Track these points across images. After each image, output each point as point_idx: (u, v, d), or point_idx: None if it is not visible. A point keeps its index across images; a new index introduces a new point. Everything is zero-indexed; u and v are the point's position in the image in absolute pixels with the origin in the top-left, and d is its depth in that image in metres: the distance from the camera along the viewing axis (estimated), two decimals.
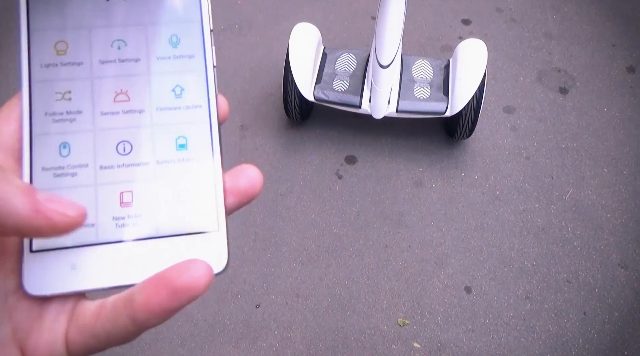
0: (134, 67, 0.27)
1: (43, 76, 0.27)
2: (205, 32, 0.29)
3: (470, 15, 2.33)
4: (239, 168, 0.28)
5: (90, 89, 0.27)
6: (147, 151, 0.27)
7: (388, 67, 1.61)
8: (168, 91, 0.28)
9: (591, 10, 2.35)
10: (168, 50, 0.28)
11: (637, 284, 1.56)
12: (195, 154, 0.27)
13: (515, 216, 1.71)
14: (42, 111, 0.26)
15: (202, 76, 0.28)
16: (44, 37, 0.27)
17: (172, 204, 0.27)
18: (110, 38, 0.28)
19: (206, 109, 0.28)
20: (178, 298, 0.22)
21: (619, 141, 1.89)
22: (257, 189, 0.28)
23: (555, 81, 2.08)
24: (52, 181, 0.26)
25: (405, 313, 1.51)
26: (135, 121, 0.27)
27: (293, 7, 2.36)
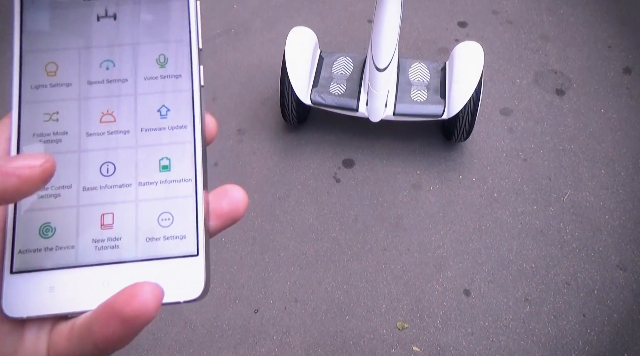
0: (121, 87, 0.27)
1: (33, 97, 0.27)
2: (193, 51, 0.28)
3: (467, 17, 2.34)
4: (222, 189, 0.28)
5: (77, 110, 0.27)
6: (130, 173, 0.27)
7: (385, 70, 1.61)
8: (153, 111, 0.27)
9: (587, 12, 2.36)
10: (155, 71, 0.28)
11: (636, 285, 1.56)
12: (178, 176, 0.27)
13: (514, 218, 1.70)
14: (30, 132, 0.26)
15: (188, 96, 0.28)
16: (35, 59, 0.27)
17: (152, 227, 0.26)
18: (99, 58, 0.28)
19: (191, 130, 0.28)
20: (130, 325, 0.22)
21: (616, 142, 1.89)
22: (240, 212, 0.27)
23: (552, 83, 2.08)
24: (36, 202, 0.26)
25: (405, 317, 1.51)
26: (119, 142, 0.27)
27: (289, 11, 2.36)
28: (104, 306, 0.22)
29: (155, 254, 0.26)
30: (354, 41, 2.23)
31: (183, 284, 0.25)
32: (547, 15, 2.35)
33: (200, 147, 0.27)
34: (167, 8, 0.28)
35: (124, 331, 0.22)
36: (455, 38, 2.24)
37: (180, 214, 0.27)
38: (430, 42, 2.24)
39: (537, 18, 2.33)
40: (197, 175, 0.27)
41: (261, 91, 2.04)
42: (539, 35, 2.26)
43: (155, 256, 0.26)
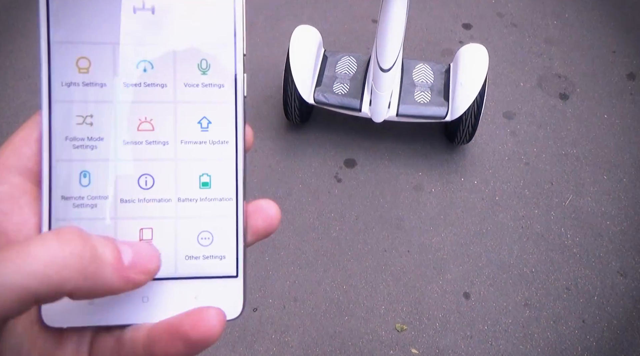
0: (159, 93, 0.26)
1: (64, 96, 0.25)
2: (237, 58, 0.26)
3: (471, 19, 2.33)
4: (257, 205, 0.27)
5: (113, 114, 0.25)
6: (169, 187, 0.26)
7: (389, 71, 1.60)
8: (194, 123, 0.26)
9: (592, 17, 2.35)
10: (197, 77, 0.26)
11: (636, 292, 1.55)
12: (218, 194, 0.26)
13: (515, 222, 1.70)
14: (62, 135, 0.25)
15: (232, 108, 0.26)
16: (65, 52, 0.25)
17: (192, 245, 0.26)
18: (135, 58, 0.26)
19: (233, 146, 0.26)
20: (193, 347, 0.23)
21: (619, 148, 1.89)
22: (274, 227, 0.28)
23: (556, 87, 2.08)
24: (72, 211, 0.25)
25: (404, 319, 1.50)
26: (158, 154, 0.26)
27: (293, 9, 2.35)
28: (168, 326, 0.23)
29: (195, 273, 0.26)
30: (358, 41, 2.22)
31: (221, 304, 0.25)
32: (552, 19, 2.34)
33: (242, 164, 0.26)
34: (212, 6, 0.26)
35: (186, 351, 0.23)
36: (460, 40, 2.24)
37: (221, 233, 0.26)
38: (434, 44, 2.23)
39: (542, 22, 2.33)
40: (238, 194, 0.26)
41: (264, 89, 2.03)
42: (543, 39, 2.26)
43: (195, 274, 0.26)
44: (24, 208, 0.24)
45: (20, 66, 2.09)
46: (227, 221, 0.26)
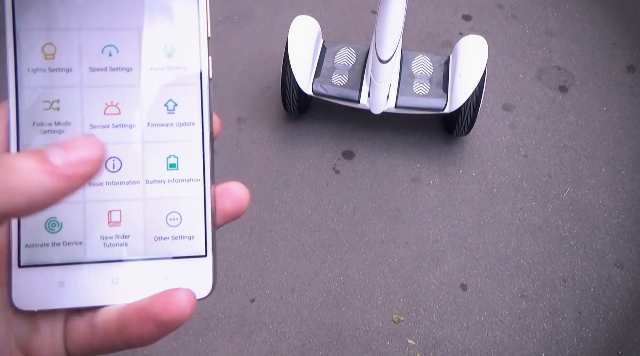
0: (125, 77, 0.26)
1: (31, 82, 0.25)
2: (201, 41, 0.27)
3: (471, 11, 2.32)
4: (225, 188, 0.28)
5: (79, 99, 0.26)
6: (137, 169, 0.26)
7: (388, 62, 1.60)
8: (160, 105, 0.26)
9: (592, 9, 2.34)
10: (162, 61, 0.26)
11: (632, 284, 1.56)
12: (186, 175, 0.26)
13: (512, 214, 1.70)
14: (29, 121, 0.25)
15: (197, 90, 0.27)
16: (30, 38, 0.25)
17: (161, 227, 0.26)
18: (101, 43, 0.26)
19: (199, 128, 0.27)
20: (164, 328, 0.23)
21: (618, 141, 1.89)
22: (243, 210, 0.28)
23: (555, 79, 2.07)
24: None
25: (401, 310, 1.51)
26: (125, 137, 0.26)
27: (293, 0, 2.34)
28: (139, 308, 0.23)
29: (164, 253, 0.26)
30: (358, 32, 2.21)
31: (191, 283, 0.25)
32: (552, 10, 2.33)
33: (209, 146, 0.27)
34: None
35: (158, 333, 0.23)
36: (460, 31, 2.23)
37: (189, 214, 0.26)
38: (434, 35, 2.22)
39: (542, 13, 2.32)
40: (205, 175, 0.27)
41: (262, 79, 2.02)
42: (543, 31, 2.25)
43: (164, 255, 0.26)
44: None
45: None
46: (195, 202, 0.26)
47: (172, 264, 0.26)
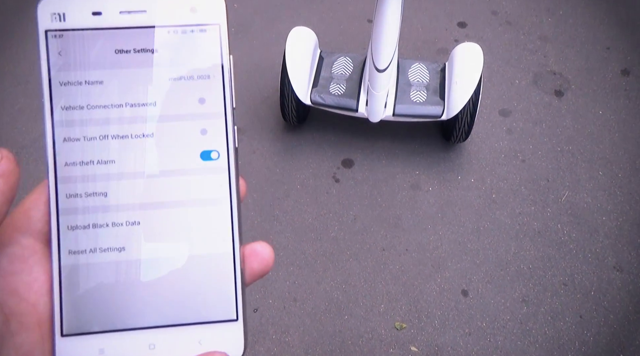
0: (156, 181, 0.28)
1: (68, 157, 0.27)
2: (230, 147, 0.28)
3: (466, 18, 2.34)
4: (252, 249, 0.29)
5: (118, 186, 0.27)
6: (170, 246, 0.27)
7: (384, 71, 1.61)
8: (188, 192, 0.28)
9: (586, 14, 2.36)
10: (196, 162, 0.28)
11: (632, 287, 1.57)
12: (218, 248, 0.28)
13: (512, 219, 1.71)
14: (69, 203, 0.27)
15: (226, 182, 0.28)
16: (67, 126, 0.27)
17: (195, 294, 0.27)
18: (139, 138, 0.27)
19: (227, 205, 0.28)
20: None
21: (614, 144, 1.90)
22: (268, 269, 0.29)
23: (551, 84, 2.09)
24: (82, 266, 0.27)
25: (403, 317, 1.52)
26: (162, 214, 0.27)
27: (289, 10, 2.36)
28: None
29: (198, 318, 0.27)
30: (354, 41, 2.23)
31: (224, 346, 0.27)
32: (547, 16, 2.36)
33: (237, 208, 0.28)
34: (196, 65, 0.28)
35: None
36: (455, 38, 2.25)
37: (220, 279, 0.27)
38: (429, 43, 2.24)
39: (537, 19, 2.34)
40: (235, 245, 0.28)
41: (261, 90, 2.04)
42: (538, 36, 2.27)
43: (198, 320, 0.27)
44: (33, 267, 0.26)
45: (18, 71, 2.09)
46: (226, 267, 0.28)
47: (206, 329, 0.27)
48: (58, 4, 0.27)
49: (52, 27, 0.26)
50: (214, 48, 0.28)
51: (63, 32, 0.26)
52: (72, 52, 0.27)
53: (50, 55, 0.26)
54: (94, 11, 0.27)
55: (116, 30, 0.27)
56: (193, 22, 0.28)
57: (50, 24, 0.26)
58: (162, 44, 0.27)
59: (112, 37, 0.27)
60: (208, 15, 0.28)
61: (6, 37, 2.22)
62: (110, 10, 0.27)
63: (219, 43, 0.28)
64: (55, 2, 0.27)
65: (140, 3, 0.27)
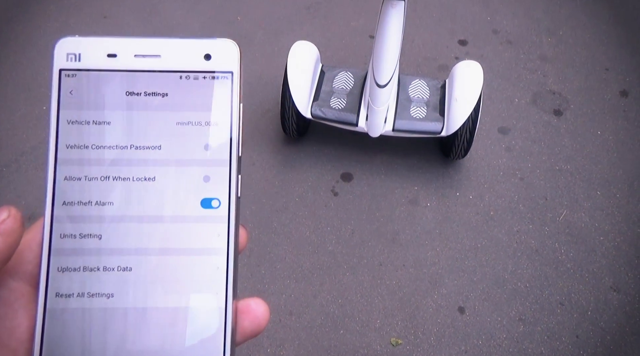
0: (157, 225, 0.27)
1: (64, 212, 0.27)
2: (231, 197, 0.27)
3: (467, 36, 2.36)
4: (245, 305, 0.27)
5: (114, 230, 0.27)
6: (160, 295, 0.27)
7: (385, 86, 1.62)
8: (189, 243, 0.27)
9: (585, 35, 2.39)
10: (196, 210, 0.27)
11: (629, 307, 1.56)
12: (210, 302, 0.27)
13: (509, 237, 1.71)
14: (62, 244, 0.26)
15: (224, 233, 0.27)
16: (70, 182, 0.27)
17: (182, 349, 0.26)
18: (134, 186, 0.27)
19: (224, 259, 0.27)
20: None
21: (612, 164, 1.91)
22: (262, 328, 0.27)
23: (550, 103, 2.11)
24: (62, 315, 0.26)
25: (399, 333, 1.51)
26: (156, 261, 0.27)
27: (292, 24, 2.38)
28: None
29: None
30: (356, 56, 2.25)
31: None
32: (547, 36, 2.38)
33: (232, 271, 0.27)
34: (205, 111, 0.28)
35: None
36: (456, 56, 2.27)
37: (210, 338, 0.26)
38: (430, 60, 2.26)
39: (537, 39, 2.36)
40: (227, 302, 0.27)
41: (262, 102, 2.05)
42: (538, 56, 2.29)
43: None
44: (18, 311, 0.25)
45: (20, 79, 2.10)
46: (216, 324, 0.26)
47: None
48: (75, 44, 0.27)
49: (67, 67, 0.27)
50: (224, 96, 0.28)
51: (77, 72, 0.27)
52: (83, 91, 0.27)
53: (61, 93, 0.27)
54: (109, 53, 0.27)
55: (129, 73, 0.27)
56: (206, 69, 0.28)
57: (66, 63, 0.27)
58: (172, 89, 0.27)
59: (124, 79, 0.27)
60: (222, 62, 0.28)
61: (7, 45, 2.24)
62: (126, 53, 0.27)
63: (230, 91, 0.28)
64: (73, 42, 0.27)
65: (155, 47, 0.27)
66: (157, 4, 2.47)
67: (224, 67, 0.28)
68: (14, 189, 1.77)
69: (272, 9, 2.45)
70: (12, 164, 1.83)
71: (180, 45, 0.28)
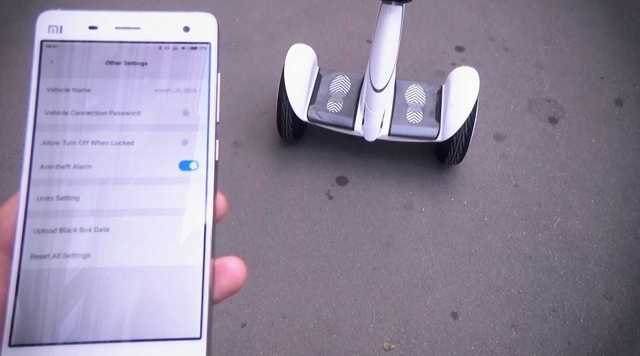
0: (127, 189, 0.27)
1: (42, 175, 0.27)
2: (209, 159, 0.28)
3: (464, 42, 2.37)
4: (222, 264, 0.27)
5: (91, 191, 0.27)
6: (137, 251, 0.27)
7: (382, 91, 1.63)
8: (164, 204, 0.27)
9: (581, 43, 2.40)
10: (174, 171, 0.28)
11: (621, 315, 1.57)
12: (187, 260, 0.27)
13: (503, 243, 1.72)
14: (39, 206, 0.26)
15: (202, 194, 0.28)
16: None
17: (159, 308, 0.26)
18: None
19: (202, 220, 0.27)
20: None
21: (606, 172, 1.92)
22: (239, 286, 0.27)
23: (545, 111, 2.12)
24: (34, 274, 0.26)
25: (392, 338, 1.51)
26: (133, 222, 0.27)
27: (290, 28, 2.38)
28: None
29: (159, 335, 0.26)
30: (353, 60, 2.25)
31: None
32: (543, 44, 2.39)
33: (210, 233, 0.27)
34: (184, 79, 0.28)
35: None
36: (452, 62, 2.28)
37: (187, 296, 0.26)
38: (427, 65, 2.27)
39: (533, 46, 2.38)
40: (205, 260, 0.27)
41: (258, 105, 2.05)
42: (534, 63, 2.30)
43: (159, 336, 0.26)
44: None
45: (16, 76, 2.10)
46: (193, 286, 0.26)
47: (166, 347, 0.25)
48: (57, 17, 0.28)
49: (48, 38, 0.27)
50: (202, 65, 0.29)
51: (58, 43, 0.27)
52: (64, 61, 0.27)
53: (42, 63, 0.27)
54: (90, 25, 0.28)
55: (109, 44, 0.28)
56: (185, 40, 0.29)
57: (47, 34, 0.28)
58: (152, 58, 0.28)
59: (104, 50, 0.28)
60: (200, 34, 0.29)
61: (4, 43, 2.23)
62: (107, 26, 0.28)
63: (208, 61, 0.29)
64: (55, 15, 0.28)
65: (135, 20, 0.28)
66: (155, 3, 2.47)
67: (202, 39, 0.29)
68: (7, 187, 1.76)
69: (270, 11, 2.46)
70: (6, 162, 1.82)
71: (160, 18, 0.29)
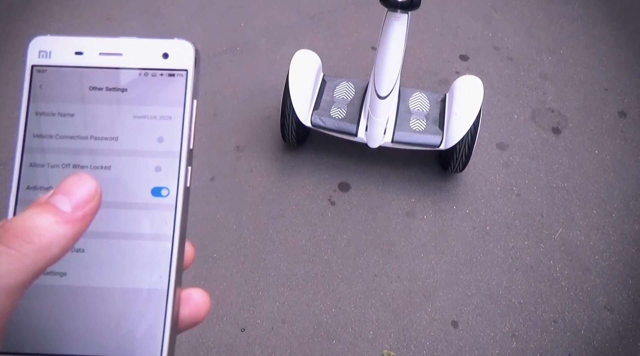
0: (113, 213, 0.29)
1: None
2: (180, 180, 0.29)
3: (468, 51, 2.38)
4: (187, 294, 0.28)
5: None
6: (108, 273, 0.28)
7: (386, 98, 1.63)
8: (136, 232, 0.28)
9: (586, 55, 2.41)
10: (146, 197, 0.29)
11: (622, 328, 1.56)
12: (153, 285, 0.28)
13: (505, 253, 1.71)
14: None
15: (171, 220, 0.28)
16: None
17: (124, 328, 0.27)
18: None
19: (169, 247, 0.28)
20: None
21: (609, 184, 1.92)
22: (201, 317, 0.28)
23: (549, 121, 2.12)
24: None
25: (391, 345, 1.50)
26: (107, 244, 0.28)
27: (295, 33, 2.39)
28: None
29: (122, 354, 0.27)
30: (357, 67, 2.26)
31: None
32: (547, 54, 2.40)
33: (176, 258, 0.28)
34: (160, 106, 0.29)
35: None
36: (457, 70, 2.28)
37: (151, 320, 0.27)
38: (431, 73, 2.27)
39: (537, 57, 2.38)
40: (169, 287, 0.28)
41: (262, 109, 2.05)
42: (538, 74, 2.30)
43: (121, 355, 0.27)
44: None
45: (20, 77, 2.10)
46: (158, 307, 0.27)
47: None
48: (47, 42, 0.30)
49: (38, 63, 0.29)
50: (179, 92, 0.30)
51: (47, 68, 0.29)
52: (51, 86, 0.29)
53: (32, 87, 0.29)
54: (76, 51, 0.30)
55: (94, 69, 0.29)
56: (163, 67, 0.30)
57: (38, 59, 0.29)
58: (131, 84, 0.29)
59: (89, 75, 0.29)
60: (178, 61, 0.30)
61: (11, 43, 2.24)
62: (91, 51, 0.30)
63: (184, 88, 0.30)
64: (45, 41, 0.30)
65: (118, 46, 0.30)
66: (161, 7, 2.48)
67: (180, 66, 0.30)
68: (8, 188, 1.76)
69: (276, 17, 2.47)
70: (9, 162, 1.83)
71: (141, 44, 0.30)
